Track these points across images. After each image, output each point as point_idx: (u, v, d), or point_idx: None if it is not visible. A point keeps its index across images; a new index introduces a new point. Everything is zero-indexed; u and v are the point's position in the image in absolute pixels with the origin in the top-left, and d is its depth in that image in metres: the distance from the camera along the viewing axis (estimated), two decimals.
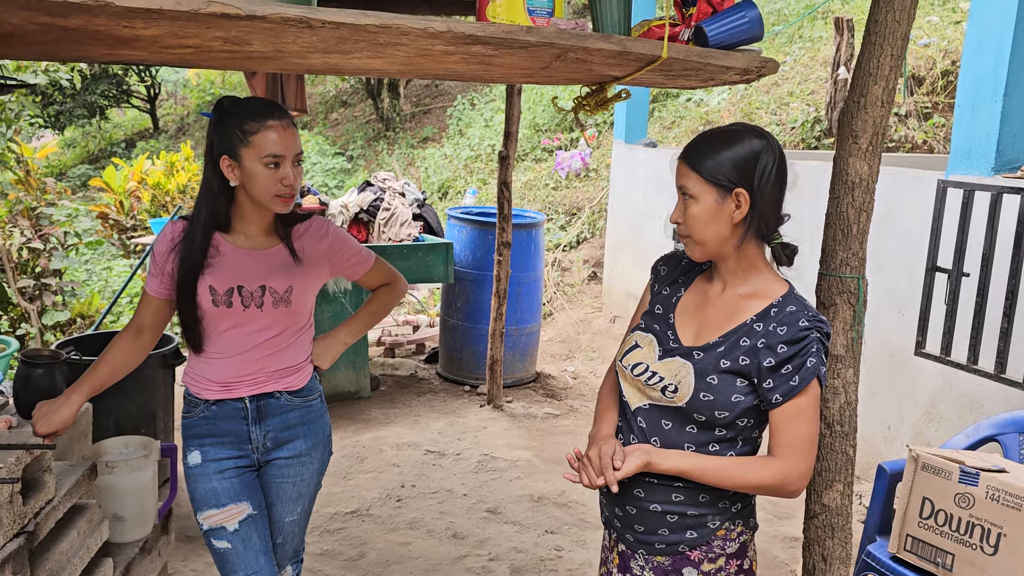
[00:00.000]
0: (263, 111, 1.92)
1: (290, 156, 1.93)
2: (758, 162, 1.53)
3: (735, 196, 1.53)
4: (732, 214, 1.54)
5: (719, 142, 1.56)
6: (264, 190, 1.93)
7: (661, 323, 1.68)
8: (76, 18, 1.27)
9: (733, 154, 1.53)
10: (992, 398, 3.37)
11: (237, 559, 2.09)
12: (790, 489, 1.54)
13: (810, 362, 1.50)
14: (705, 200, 1.54)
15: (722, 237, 1.56)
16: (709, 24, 1.78)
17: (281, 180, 1.93)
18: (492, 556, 3.35)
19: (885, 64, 1.79)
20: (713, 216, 1.54)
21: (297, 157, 1.96)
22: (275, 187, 1.93)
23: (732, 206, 1.54)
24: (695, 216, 1.55)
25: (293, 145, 1.94)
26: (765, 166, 1.54)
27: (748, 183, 1.53)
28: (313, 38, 1.47)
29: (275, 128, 1.90)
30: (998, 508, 2.14)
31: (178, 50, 1.66)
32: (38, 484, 1.95)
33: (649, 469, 1.56)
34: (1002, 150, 3.43)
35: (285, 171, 1.92)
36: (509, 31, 1.50)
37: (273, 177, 1.92)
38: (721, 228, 1.55)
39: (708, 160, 1.54)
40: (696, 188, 1.55)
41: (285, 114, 1.95)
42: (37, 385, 2.34)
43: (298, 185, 1.97)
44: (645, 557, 1.64)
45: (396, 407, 5.07)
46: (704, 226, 1.55)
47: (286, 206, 1.98)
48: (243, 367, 2.06)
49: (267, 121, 1.90)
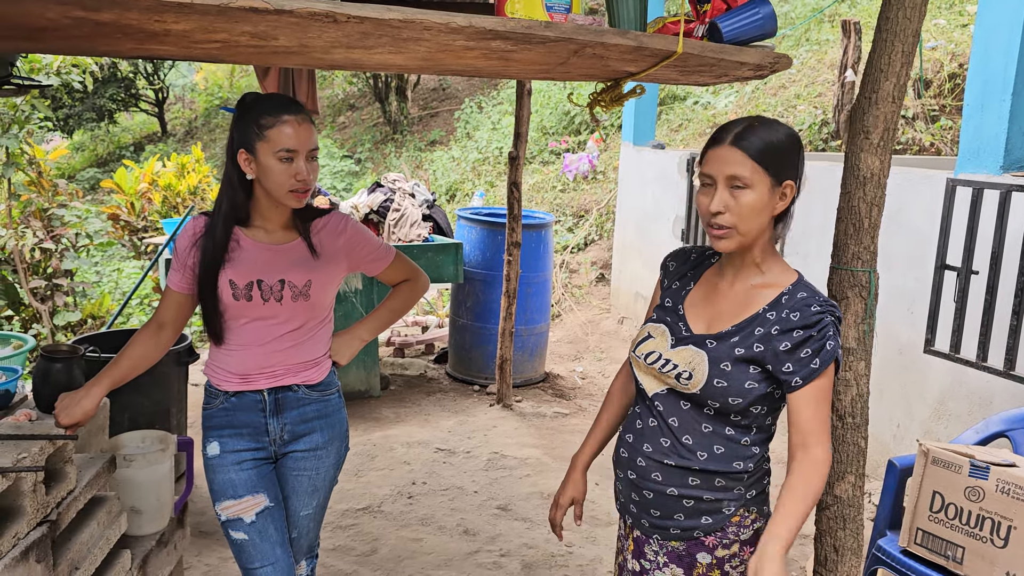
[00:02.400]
0: (280, 106, 1.95)
1: (303, 151, 1.95)
2: (800, 154, 1.55)
3: (784, 187, 1.53)
4: (776, 205, 1.54)
5: (769, 131, 1.52)
6: (278, 184, 1.96)
7: (672, 315, 1.70)
8: (109, 12, 1.30)
9: (784, 144, 1.52)
10: (1001, 395, 3.38)
11: (254, 550, 2.11)
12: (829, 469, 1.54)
13: (830, 344, 1.51)
14: (760, 188, 1.51)
15: (762, 228, 1.56)
16: (723, 20, 1.80)
17: (295, 175, 1.94)
18: (503, 552, 3.38)
19: (896, 60, 1.82)
20: (765, 206, 1.52)
21: (311, 153, 1.98)
22: (289, 182, 1.95)
23: (778, 197, 1.54)
24: (749, 205, 1.51)
25: (307, 140, 1.95)
26: (802, 159, 1.56)
27: (795, 175, 1.54)
28: (338, 33, 1.50)
29: (290, 123, 1.92)
30: (1008, 501, 2.16)
31: (206, 45, 1.69)
32: (60, 474, 1.98)
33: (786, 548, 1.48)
34: (1011, 149, 3.45)
35: (299, 166, 1.94)
36: (529, 26, 1.53)
37: (287, 172, 1.94)
38: (764, 219, 1.54)
39: (766, 148, 1.50)
40: (754, 176, 1.50)
41: (301, 110, 1.97)
42: (56, 379, 2.37)
43: (312, 181, 1.99)
44: (660, 542, 1.66)
45: (406, 406, 5.10)
46: (755, 216, 1.52)
47: (299, 201, 1.99)
48: (263, 359, 2.09)
49: (283, 116, 1.93)
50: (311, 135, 1.97)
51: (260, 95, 2.01)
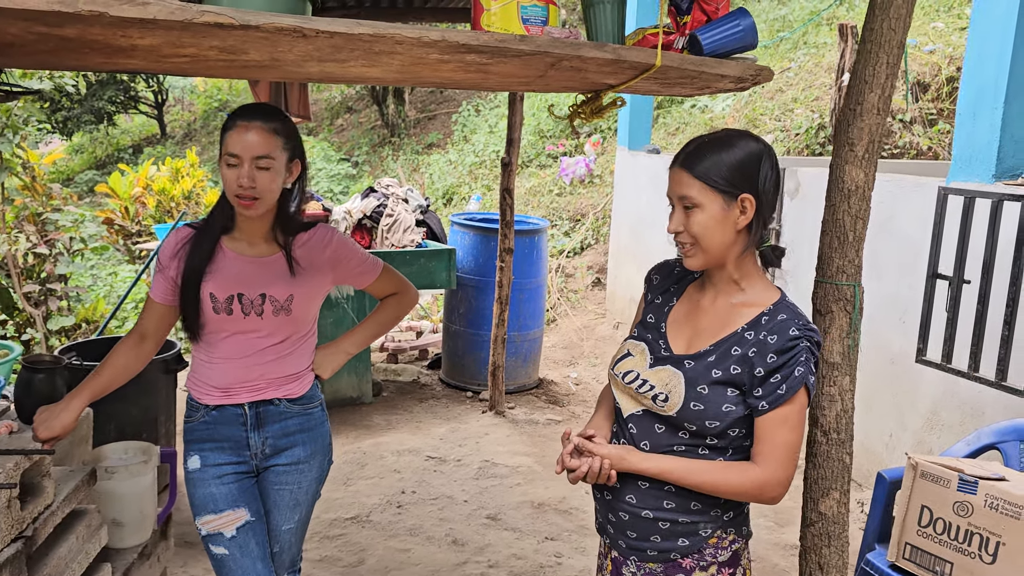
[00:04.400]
0: (240, 113, 1.94)
1: (247, 157, 1.90)
2: (760, 166, 1.53)
3: (740, 202, 1.52)
4: (737, 220, 1.53)
5: (719, 147, 1.53)
6: (227, 189, 1.95)
7: (653, 332, 1.68)
8: (72, 28, 1.28)
9: (735, 159, 1.51)
10: (993, 405, 3.36)
11: (235, 565, 2.09)
12: (768, 496, 1.54)
13: (798, 371, 1.50)
14: (710, 207, 1.52)
15: (727, 244, 1.55)
16: (703, 32, 1.78)
17: (236, 180, 1.91)
18: (491, 563, 3.35)
19: (881, 72, 1.80)
20: (720, 223, 1.52)
21: (258, 160, 1.91)
22: (232, 187, 1.92)
23: (737, 212, 1.52)
24: (702, 224, 1.52)
25: (252, 146, 1.90)
26: (767, 170, 1.54)
27: (753, 188, 1.52)
28: (308, 47, 1.48)
29: (239, 128, 1.91)
30: (997, 517, 2.14)
31: (175, 59, 1.67)
32: (37, 489, 1.96)
33: (625, 467, 1.56)
34: (1003, 157, 3.42)
35: (241, 171, 1.90)
36: (503, 40, 1.51)
37: (231, 176, 1.92)
38: (726, 235, 1.54)
39: (711, 166, 1.51)
40: (700, 196, 1.51)
41: (260, 117, 1.92)
42: (38, 390, 2.35)
43: (261, 188, 1.92)
44: (637, 564, 1.64)
45: (398, 413, 5.07)
46: (711, 234, 1.53)
47: (245, 208, 1.95)
48: (244, 373, 2.07)
49: (236, 122, 1.92)
50: (259, 142, 1.91)
51: (245, 104, 2.00)
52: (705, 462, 1.56)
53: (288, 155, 1.99)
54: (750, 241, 1.56)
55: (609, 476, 1.57)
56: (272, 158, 1.93)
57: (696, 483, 1.54)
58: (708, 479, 1.54)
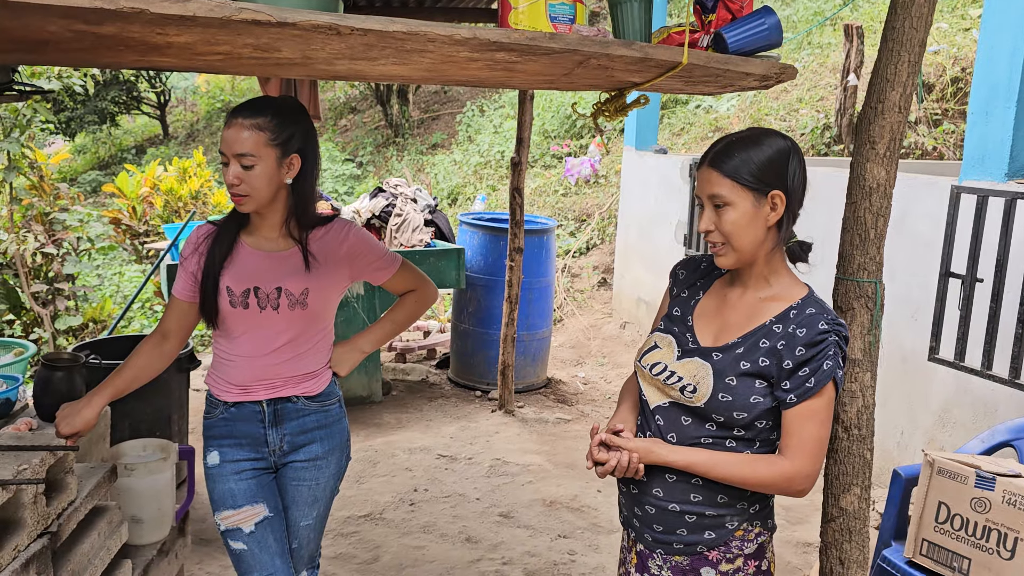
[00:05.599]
0: (233, 109, 1.94)
1: (230, 154, 1.90)
2: (789, 162, 1.55)
3: (771, 199, 1.54)
4: (767, 217, 1.55)
5: (747, 145, 1.55)
6: (226, 186, 1.97)
7: (680, 325, 1.69)
8: (111, 25, 1.29)
9: (764, 156, 1.54)
10: (1006, 403, 3.37)
11: (253, 560, 2.11)
12: (796, 489, 1.55)
13: (826, 365, 1.51)
14: (742, 205, 1.54)
15: (758, 241, 1.56)
16: (729, 31, 1.79)
17: (227, 178, 1.93)
18: (505, 560, 3.36)
19: (903, 70, 1.81)
20: (751, 221, 1.54)
21: (240, 158, 1.90)
22: (228, 184, 1.95)
23: (768, 209, 1.54)
24: (732, 222, 1.54)
25: (233, 144, 1.89)
26: (795, 166, 1.55)
27: (783, 184, 1.54)
28: (341, 45, 1.49)
29: (227, 125, 1.92)
30: (1015, 513, 2.15)
31: (208, 57, 1.69)
32: (61, 485, 1.97)
33: (653, 459, 1.57)
34: (1015, 156, 3.43)
35: (229, 169, 1.92)
36: (533, 38, 1.52)
37: (225, 174, 1.95)
38: (757, 232, 1.55)
39: (741, 164, 1.53)
40: (732, 194, 1.53)
41: (244, 113, 1.91)
42: (57, 388, 2.37)
43: (248, 186, 1.92)
44: (663, 557, 1.65)
45: (408, 412, 5.09)
46: (742, 231, 1.54)
47: (239, 204, 1.97)
48: (261, 371, 2.08)
49: (231, 119, 1.92)
50: (239, 139, 1.89)
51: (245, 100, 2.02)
52: (733, 455, 1.57)
53: (280, 151, 1.94)
54: (779, 238, 1.58)
55: (637, 470, 1.58)
56: (254, 155, 1.90)
57: (724, 475, 1.55)
58: (736, 471, 1.55)
